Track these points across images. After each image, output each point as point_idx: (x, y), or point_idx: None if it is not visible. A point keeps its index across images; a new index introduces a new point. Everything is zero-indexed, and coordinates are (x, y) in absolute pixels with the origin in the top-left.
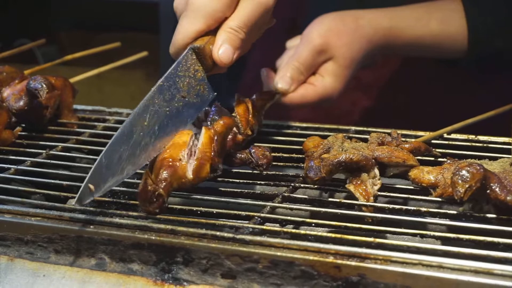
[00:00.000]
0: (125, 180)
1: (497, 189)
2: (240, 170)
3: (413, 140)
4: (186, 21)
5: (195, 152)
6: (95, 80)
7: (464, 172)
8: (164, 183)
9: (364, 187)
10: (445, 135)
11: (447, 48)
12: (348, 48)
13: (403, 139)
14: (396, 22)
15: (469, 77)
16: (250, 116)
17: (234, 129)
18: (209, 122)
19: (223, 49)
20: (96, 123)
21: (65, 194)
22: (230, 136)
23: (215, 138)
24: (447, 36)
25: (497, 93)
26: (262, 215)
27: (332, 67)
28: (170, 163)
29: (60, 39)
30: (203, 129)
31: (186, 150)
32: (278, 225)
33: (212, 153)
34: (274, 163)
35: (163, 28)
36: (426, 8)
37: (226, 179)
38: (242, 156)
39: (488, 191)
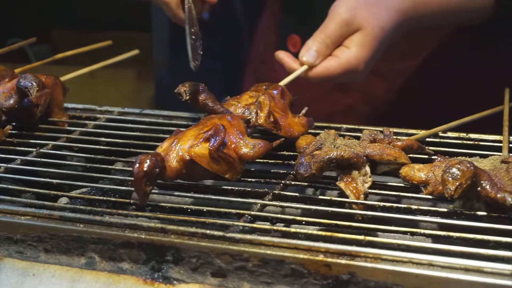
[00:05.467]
0: (115, 177)
1: (487, 187)
2: None
3: (405, 138)
4: None
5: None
6: (87, 79)
7: (454, 169)
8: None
9: (355, 185)
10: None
11: (474, 8)
12: (375, 17)
13: (396, 137)
14: None
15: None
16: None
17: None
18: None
19: None
20: (86, 122)
21: (55, 192)
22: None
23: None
24: None
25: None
26: (252, 213)
27: (358, 37)
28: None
29: (52, 38)
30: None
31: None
32: (268, 223)
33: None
34: (265, 160)
35: (155, 27)
36: None
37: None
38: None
39: (478, 188)
